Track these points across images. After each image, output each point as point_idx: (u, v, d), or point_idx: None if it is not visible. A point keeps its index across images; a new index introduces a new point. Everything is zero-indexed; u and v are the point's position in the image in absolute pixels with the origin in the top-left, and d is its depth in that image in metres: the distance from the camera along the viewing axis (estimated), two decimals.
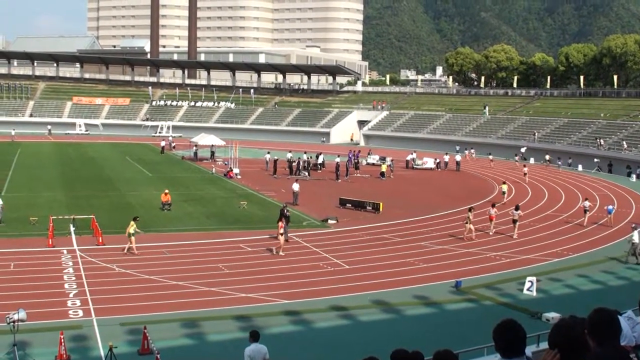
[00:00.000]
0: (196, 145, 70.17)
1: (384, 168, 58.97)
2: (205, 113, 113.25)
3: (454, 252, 29.42)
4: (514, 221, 33.65)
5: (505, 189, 46.50)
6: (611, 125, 78.81)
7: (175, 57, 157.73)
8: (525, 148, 79.61)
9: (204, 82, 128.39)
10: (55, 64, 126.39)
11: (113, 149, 78.98)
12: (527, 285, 23.36)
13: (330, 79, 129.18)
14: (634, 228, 29.46)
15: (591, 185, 55.48)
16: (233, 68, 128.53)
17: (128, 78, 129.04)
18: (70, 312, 20.06)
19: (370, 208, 39.98)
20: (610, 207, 38.16)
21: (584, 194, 48.23)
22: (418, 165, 67.76)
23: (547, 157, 72.58)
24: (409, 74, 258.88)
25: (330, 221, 36.02)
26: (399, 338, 18.40)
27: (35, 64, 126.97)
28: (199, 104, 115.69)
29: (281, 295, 22.19)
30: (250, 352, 14.19)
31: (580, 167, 68.83)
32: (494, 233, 33.73)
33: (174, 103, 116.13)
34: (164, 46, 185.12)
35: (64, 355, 16.42)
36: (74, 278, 23.65)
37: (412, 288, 23.59)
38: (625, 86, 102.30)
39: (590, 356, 3.97)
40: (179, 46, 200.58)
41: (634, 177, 61.83)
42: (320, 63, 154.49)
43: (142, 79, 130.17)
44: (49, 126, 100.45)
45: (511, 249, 30.57)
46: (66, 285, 22.76)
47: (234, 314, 20.12)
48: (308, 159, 60.94)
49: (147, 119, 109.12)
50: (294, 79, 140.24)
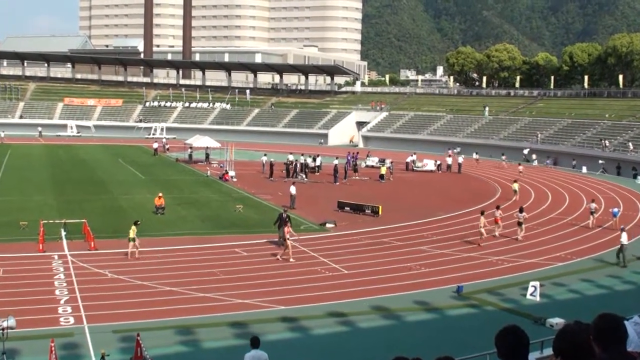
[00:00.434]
0: (191, 147, 70.17)
1: (384, 170, 58.97)
2: (200, 114, 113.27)
3: (455, 257, 29.40)
4: (519, 223, 33.75)
5: (517, 187, 48.63)
6: (616, 126, 78.92)
7: (169, 57, 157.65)
8: (529, 150, 79.69)
9: (198, 83, 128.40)
10: (46, 64, 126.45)
11: (105, 151, 78.90)
12: (531, 290, 23.34)
13: (328, 79, 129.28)
14: (623, 230, 29.56)
15: (596, 188, 55.49)
16: (228, 68, 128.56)
17: (121, 78, 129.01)
18: (61, 319, 20.00)
19: (370, 211, 39.98)
20: (616, 210, 38.20)
21: (588, 196, 48.25)
22: (418, 167, 67.77)
23: (534, 157, 74.56)
24: (408, 74, 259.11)
25: (328, 225, 35.99)
26: (399, 345, 18.39)
27: (25, 64, 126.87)
28: (193, 105, 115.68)
29: (278, 301, 22.15)
30: (250, 359, 14.21)
31: (584, 169, 68.89)
32: (499, 236, 33.78)
33: (168, 104, 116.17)
34: (158, 46, 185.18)
35: None
36: (65, 284, 23.60)
37: (413, 293, 23.58)
38: (631, 86, 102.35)
39: None
40: (173, 46, 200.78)
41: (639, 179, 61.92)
42: (318, 63, 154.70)
43: (136, 79, 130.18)
44: (40, 128, 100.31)
45: (514, 252, 30.56)
46: (57, 292, 22.71)
47: (230, 321, 20.08)
48: (305, 161, 60.95)
49: (141, 121, 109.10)
50: (291, 79, 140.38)
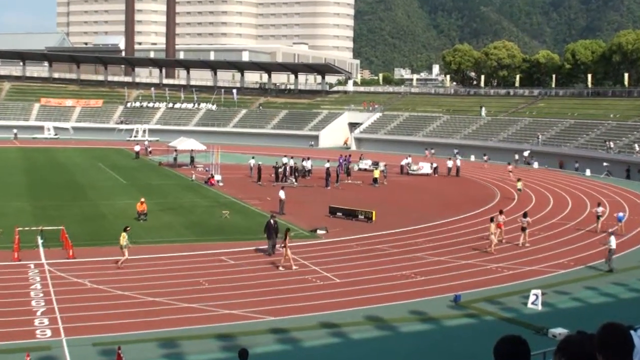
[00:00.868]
0: (176, 150, 70.02)
1: (377, 174, 59.01)
2: (184, 115, 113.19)
3: (453, 264, 29.43)
4: (523, 229, 33.85)
5: (520, 185, 53.12)
6: (621, 127, 79.22)
7: (152, 55, 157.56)
8: (529, 152, 79.88)
9: (183, 82, 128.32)
10: (21, 63, 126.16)
11: (84, 155, 78.69)
12: (532, 298, 23.38)
13: (319, 78, 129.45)
14: (611, 233, 29.67)
15: (600, 191, 55.68)
16: (214, 67, 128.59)
17: (101, 78, 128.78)
18: (37, 332, 19.88)
19: (363, 217, 39.99)
20: (621, 215, 38.31)
21: (592, 199, 48.41)
22: (413, 170, 67.82)
23: (516, 157, 75.50)
24: (403, 73, 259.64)
25: (319, 231, 35.99)
26: (394, 357, 18.38)
27: None
28: (177, 105, 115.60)
29: (267, 312, 22.11)
30: None
31: (588, 172, 69.09)
32: (504, 241, 33.94)
33: (151, 104, 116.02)
34: (140, 43, 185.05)
35: None
36: (41, 294, 23.48)
37: (408, 303, 23.58)
38: (637, 85, 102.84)
39: None
40: (155, 43, 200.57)
41: None
42: (308, 61, 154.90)
43: (116, 78, 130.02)
44: (15, 130, 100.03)
45: (514, 259, 30.62)
46: (33, 303, 22.59)
47: (216, 333, 20.03)
48: (295, 164, 60.95)
49: (122, 122, 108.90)
50: (280, 79, 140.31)
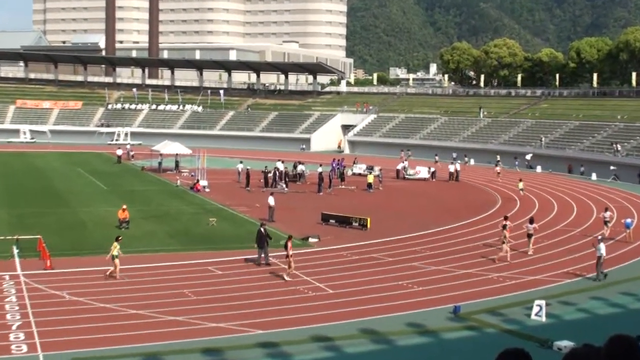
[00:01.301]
0: (160, 154, 69.85)
1: (371, 179, 59.01)
2: (168, 117, 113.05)
3: (452, 273, 29.45)
4: (529, 235, 33.84)
5: (522, 186, 56.41)
6: (629, 129, 79.30)
7: (134, 55, 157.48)
8: (531, 155, 79.94)
9: (167, 83, 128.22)
10: None
11: (63, 159, 78.52)
12: (536, 309, 23.40)
13: (310, 78, 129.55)
14: (600, 240, 29.76)
15: (607, 197, 55.80)
16: (200, 66, 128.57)
17: (80, 78, 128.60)
18: (12, 347, 19.81)
19: (357, 224, 39.98)
20: (629, 221, 38.31)
21: (599, 205, 48.52)
22: (410, 175, 67.88)
23: (498, 158, 75.93)
24: (399, 73, 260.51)
25: (311, 240, 35.97)
26: None
27: None
28: (161, 107, 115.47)
29: (256, 325, 22.07)
30: None
31: (594, 176, 69.20)
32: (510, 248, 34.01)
33: (133, 106, 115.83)
34: (121, 42, 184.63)
35: None
36: (17, 307, 23.40)
37: (405, 314, 23.58)
38: None
39: None
40: (138, 42, 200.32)
41: None
42: (298, 60, 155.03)
43: (97, 79, 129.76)
44: None
45: (517, 268, 30.63)
46: (8, 316, 22.51)
47: (203, 347, 20.00)
48: (285, 168, 60.96)
49: (102, 125, 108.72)
50: (269, 79, 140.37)
